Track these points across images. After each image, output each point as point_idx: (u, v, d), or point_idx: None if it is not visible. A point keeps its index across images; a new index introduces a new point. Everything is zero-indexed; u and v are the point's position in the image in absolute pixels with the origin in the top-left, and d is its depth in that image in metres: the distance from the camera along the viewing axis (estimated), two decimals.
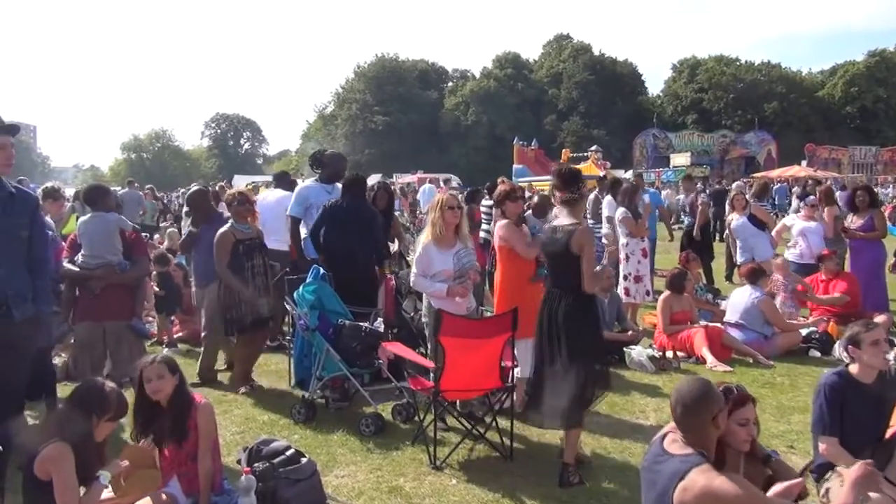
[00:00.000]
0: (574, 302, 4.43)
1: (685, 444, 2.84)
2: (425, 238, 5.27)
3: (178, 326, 8.67)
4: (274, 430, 5.30)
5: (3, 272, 3.58)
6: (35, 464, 3.28)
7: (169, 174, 64.52)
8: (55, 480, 3.24)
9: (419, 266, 5.23)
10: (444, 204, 5.22)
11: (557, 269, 4.61)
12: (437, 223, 5.17)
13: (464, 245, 5.27)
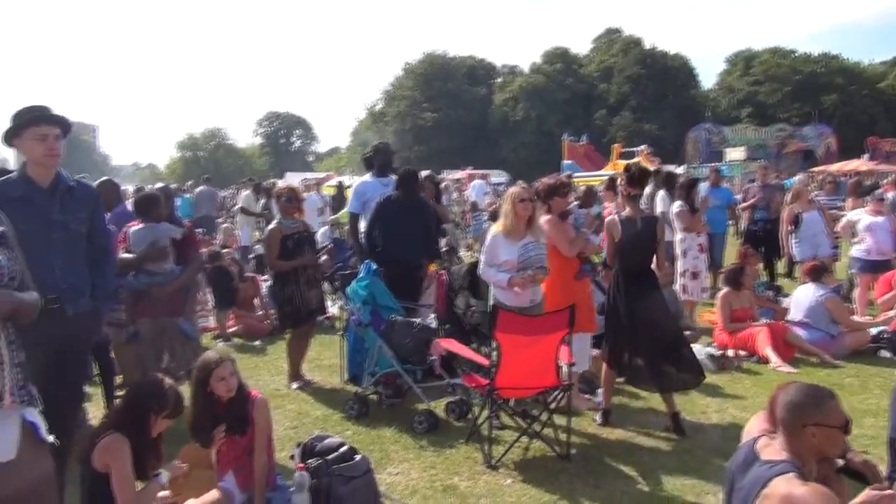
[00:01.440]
0: (654, 281, 5.32)
1: (780, 450, 2.65)
2: (495, 228, 5.24)
3: (232, 321, 8.76)
4: (327, 426, 5.27)
5: (59, 266, 3.59)
6: (94, 455, 3.29)
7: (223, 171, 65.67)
8: (113, 472, 3.25)
9: (486, 255, 5.22)
10: (515, 196, 5.15)
11: (640, 253, 5.29)
12: (508, 215, 5.11)
13: (534, 238, 5.17)
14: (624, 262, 5.30)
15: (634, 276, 5.27)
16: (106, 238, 4.04)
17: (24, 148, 3.60)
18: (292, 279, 6.22)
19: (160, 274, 5.29)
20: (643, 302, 5.18)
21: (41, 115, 3.57)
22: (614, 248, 5.32)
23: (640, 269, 5.31)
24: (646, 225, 5.32)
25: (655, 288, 5.33)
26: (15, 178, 3.63)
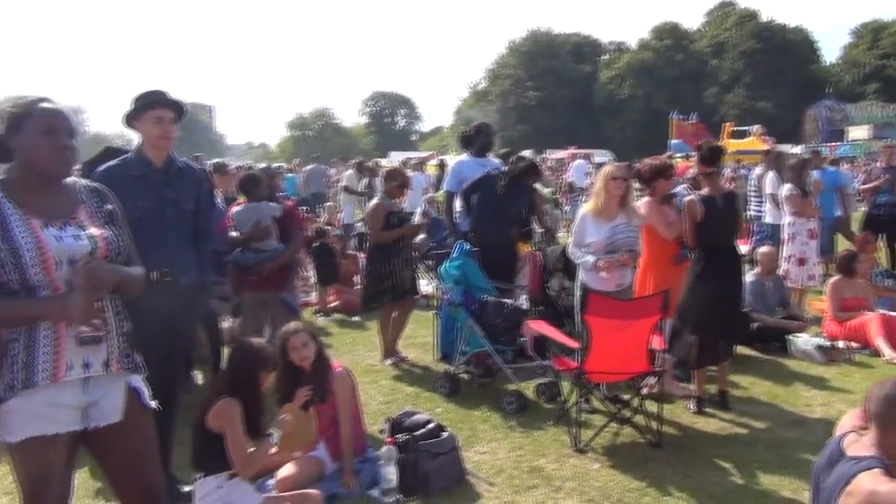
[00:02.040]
0: (739, 260, 5.38)
1: (868, 446, 2.51)
2: (585, 208, 5.17)
3: (333, 296, 9.03)
4: (418, 403, 5.38)
5: (173, 242, 3.80)
6: (208, 418, 3.49)
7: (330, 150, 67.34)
8: (227, 434, 3.43)
9: (574, 235, 5.17)
10: (608, 174, 5.06)
11: (724, 231, 5.19)
12: (600, 194, 5.03)
13: (626, 220, 5.06)
14: (707, 241, 5.13)
15: (718, 256, 5.12)
16: (209, 217, 4.24)
17: (141, 129, 3.82)
18: (394, 255, 6.36)
19: (265, 251, 5.54)
20: (728, 280, 5.11)
21: (158, 99, 3.78)
22: (696, 228, 5.15)
23: (725, 247, 5.21)
24: (726, 202, 5.18)
25: (739, 268, 5.28)
26: (132, 158, 3.86)
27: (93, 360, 2.34)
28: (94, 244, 2.36)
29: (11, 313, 2.24)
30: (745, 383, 5.84)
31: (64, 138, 2.36)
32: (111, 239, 2.42)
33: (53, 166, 2.36)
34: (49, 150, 2.34)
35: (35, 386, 2.24)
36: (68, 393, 2.31)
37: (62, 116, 2.39)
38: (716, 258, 5.11)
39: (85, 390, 2.35)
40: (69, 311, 2.26)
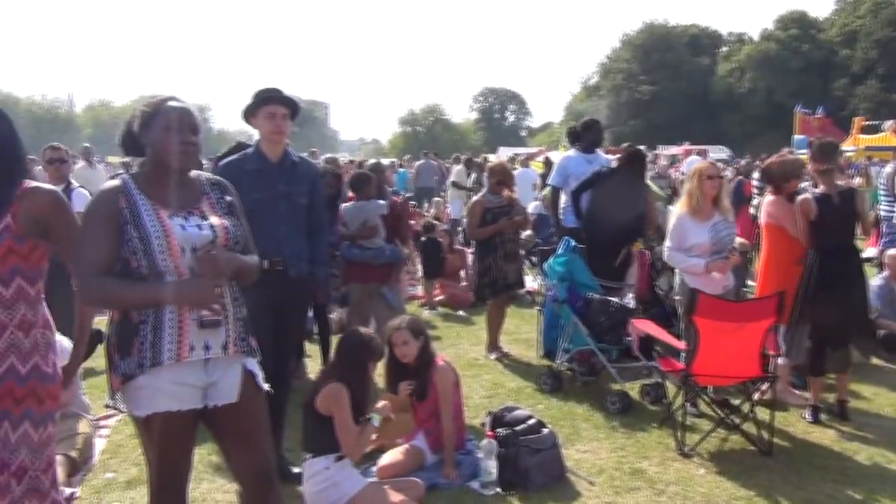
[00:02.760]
0: (859, 260, 5.10)
1: None
2: (680, 208, 5.00)
3: (439, 290, 9.15)
4: (520, 398, 5.39)
5: (284, 233, 3.98)
6: (318, 401, 3.66)
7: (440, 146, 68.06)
8: (336, 417, 3.60)
9: (673, 239, 4.98)
10: (702, 172, 4.90)
11: (841, 230, 4.94)
12: (694, 193, 4.88)
13: (722, 217, 4.90)
14: (823, 242, 4.87)
15: (835, 257, 4.86)
16: (323, 211, 4.40)
17: (257, 125, 4.03)
18: (491, 251, 6.40)
19: (371, 249, 5.73)
20: (847, 282, 4.83)
21: (272, 96, 3.98)
22: (810, 228, 4.89)
23: (842, 247, 4.97)
24: (843, 199, 4.92)
25: (860, 270, 5.04)
26: (250, 153, 4.07)
27: (212, 342, 2.49)
28: (215, 233, 2.52)
29: (142, 297, 2.41)
30: (867, 394, 5.52)
31: (187, 134, 2.52)
32: (230, 228, 2.58)
33: (176, 160, 2.52)
34: (172, 146, 2.50)
35: (161, 365, 2.41)
36: (190, 373, 2.47)
37: (186, 114, 2.55)
38: (832, 259, 4.85)
39: (205, 371, 2.50)
40: (192, 295, 2.42)
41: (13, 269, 2.52)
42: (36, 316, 2.60)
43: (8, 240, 2.49)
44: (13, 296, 2.53)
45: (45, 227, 2.58)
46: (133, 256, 2.41)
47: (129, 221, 2.42)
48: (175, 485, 2.63)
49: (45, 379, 2.59)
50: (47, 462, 2.64)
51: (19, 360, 2.54)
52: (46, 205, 2.57)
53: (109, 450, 4.51)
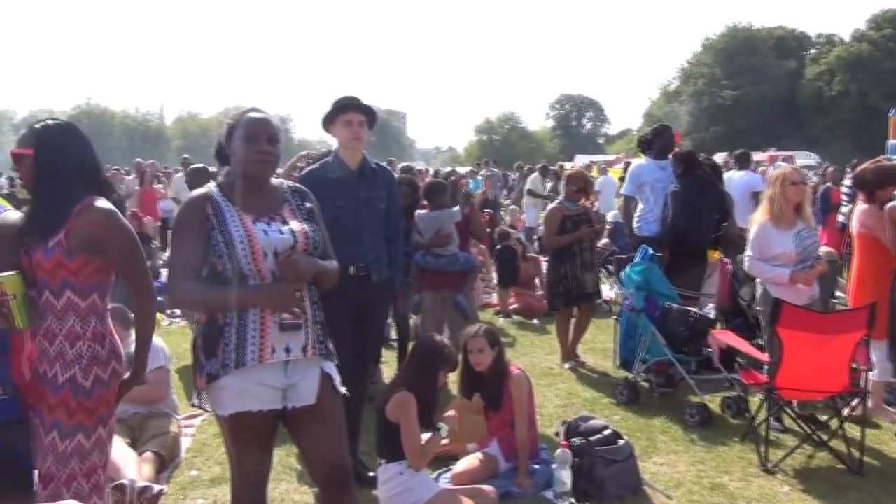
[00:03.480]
0: None
1: None
2: (760, 216, 4.84)
3: (514, 298, 9.13)
4: (595, 408, 5.32)
5: (367, 239, 4.06)
6: (387, 408, 3.71)
7: (515, 154, 67.87)
8: (402, 426, 3.63)
9: (755, 248, 4.82)
10: (786, 178, 4.73)
11: None
12: (777, 199, 4.71)
13: (806, 225, 4.73)
14: None
15: None
16: (400, 217, 4.46)
17: (335, 133, 4.12)
18: (568, 259, 6.34)
19: (445, 256, 5.77)
20: None
21: (350, 104, 4.06)
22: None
23: None
24: None
25: None
26: (331, 161, 4.16)
27: (292, 345, 2.57)
28: (295, 238, 2.60)
29: (227, 300, 2.51)
30: None
31: (262, 144, 2.61)
32: (310, 234, 2.65)
33: (252, 169, 2.62)
34: (249, 155, 2.60)
35: (244, 366, 2.50)
36: (272, 374, 2.55)
37: (264, 124, 2.64)
38: None
39: (285, 373, 2.58)
40: (273, 298, 2.51)
41: (62, 283, 2.57)
42: (85, 328, 2.60)
43: (58, 254, 2.54)
44: (63, 307, 2.58)
45: (99, 245, 2.60)
46: (219, 260, 2.52)
47: (215, 227, 2.53)
48: (255, 483, 2.71)
49: (78, 391, 2.56)
50: (89, 468, 2.61)
51: (62, 368, 2.57)
52: (98, 223, 2.59)
53: (194, 448, 4.68)
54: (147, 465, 4.03)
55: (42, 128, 2.67)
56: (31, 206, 2.65)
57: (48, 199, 2.60)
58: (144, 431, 4.38)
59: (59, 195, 2.60)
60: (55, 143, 2.65)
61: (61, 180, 2.61)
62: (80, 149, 2.69)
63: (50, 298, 2.57)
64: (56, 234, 2.54)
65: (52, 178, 2.61)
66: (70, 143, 2.68)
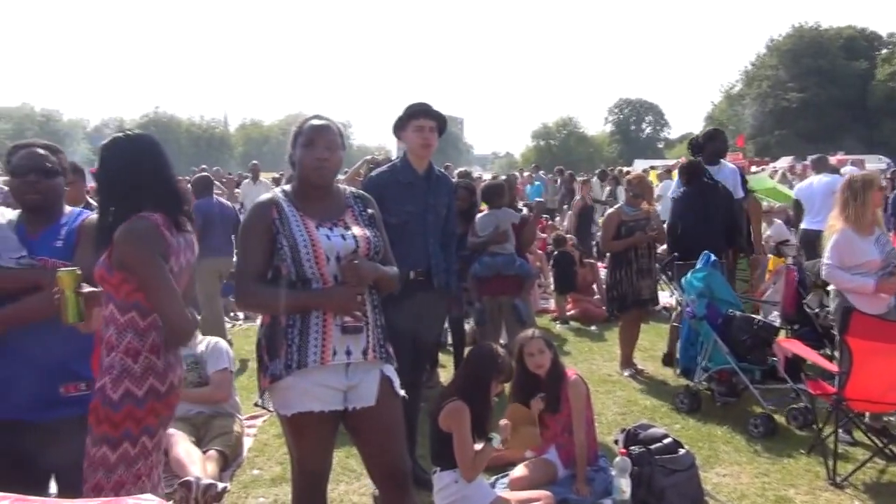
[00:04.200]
0: None
1: None
2: (838, 223, 4.67)
3: (571, 304, 9.05)
4: (655, 417, 5.24)
5: (431, 244, 4.09)
6: (440, 417, 3.72)
7: (573, 159, 67.36)
8: (455, 437, 3.62)
9: (836, 256, 4.63)
10: (869, 183, 4.57)
11: None
12: (857, 206, 4.55)
13: (881, 231, 4.58)
14: None
15: None
16: (455, 224, 4.49)
17: (405, 138, 4.16)
18: (624, 265, 6.28)
19: (502, 255, 5.75)
20: None
21: (420, 110, 4.09)
22: None
23: None
24: None
25: None
26: (399, 166, 4.20)
27: (353, 347, 2.61)
28: (357, 243, 2.64)
29: (292, 302, 2.57)
30: None
31: (321, 151, 2.65)
32: (371, 239, 2.70)
33: (310, 175, 2.68)
34: (308, 161, 2.66)
35: (307, 367, 2.55)
36: (333, 376, 2.60)
37: (322, 130, 2.68)
38: None
39: (346, 375, 2.62)
40: (336, 302, 2.56)
41: (108, 295, 2.53)
42: (119, 341, 2.49)
43: (101, 269, 2.50)
44: (107, 318, 2.54)
45: (125, 264, 2.46)
46: (283, 264, 2.58)
47: (280, 231, 2.60)
48: (316, 482, 2.76)
49: (106, 402, 2.47)
50: (116, 482, 2.47)
51: (99, 375, 2.53)
52: (121, 244, 2.45)
53: (256, 448, 4.78)
54: (211, 463, 4.14)
55: (108, 142, 2.62)
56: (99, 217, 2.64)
57: (103, 213, 2.57)
58: (209, 430, 4.51)
59: (113, 210, 2.54)
60: (116, 158, 2.57)
61: (118, 196, 2.54)
62: (146, 162, 2.58)
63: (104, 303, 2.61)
64: (105, 249, 2.50)
65: (111, 193, 2.56)
66: (134, 157, 2.57)
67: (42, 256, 2.66)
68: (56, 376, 2.65)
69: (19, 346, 2.61)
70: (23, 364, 2.61)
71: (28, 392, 2.61)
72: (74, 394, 2.66)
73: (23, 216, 2.79)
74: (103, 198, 2.60)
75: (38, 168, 2.71)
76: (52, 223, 2.75)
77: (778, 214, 10.66)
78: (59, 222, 2.76)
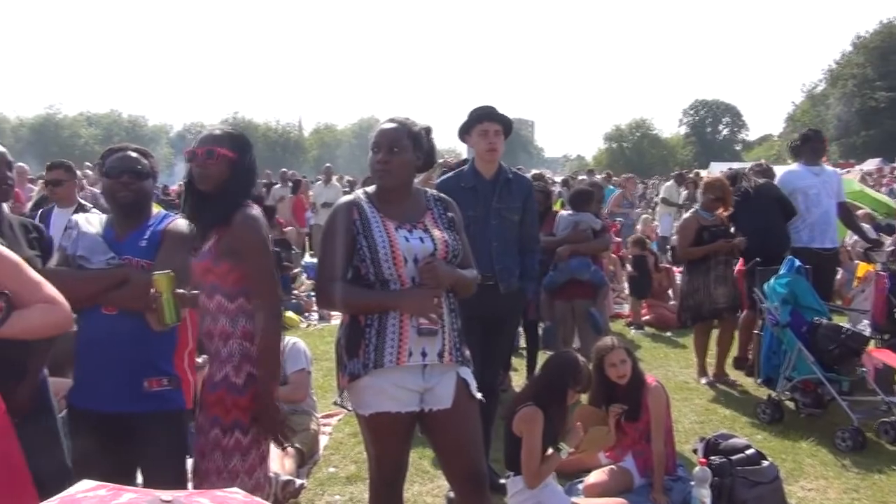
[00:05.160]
0: None
1: None
2: None
3: (646, 310, 8.89)
4: (735, 426, 5.08)
5: (496, 249, 4.07)
6: (513, 421, 3.70)
7: (646, 162, 66.06)
8: (524, 441, 3.60)
9: None
10: None
11: None
12: None
13: None
14: None
15: None
16: (535, 227, 4.43)
17: (471, 142, 4.16)
18: (701, 272, 6.10)
19: (576, 258, 5.70)
20: None
21: (485, 114, 4.09)
22: None
23: None
24: None
25: None
26: (466, 171, 4.21)
27: (429, 349, 2.62)
28: (436, 246, 2.66)
29: (370, 302, 2.62)
30: None
31: (383, 154, 2.68)
32: (450, 242, 2.71)
33: (374, 178, 2.74)
34: (371, 164, 2.72)
35: (383, 367, 2.58)
36: (409, 377, 2.62)
37: (385, 133, 2.71)
38: None
39: (423, 376, 2.64)
40: (413, 304, 2.58)
41: (212, 286, 2.65)
42: (234, 327, 2.64)
43: (206, 260, 2.63)
44: (215, 309, 2.67)
45: (238, 251, 2.62)
46: (362, 264, 2.62)
47: (360, 232, 2.64)
48: (392, 482, 2.79)
49: (232, 389, 2.63)
50: (232, 472, 2.65)
51: (217, 367, 2.68)
52: (240, 230, 2.62)
53: (331, 446, 4.86)
54: (289, 459, 4.22)
55: (236, 136, 2.79)
56: (200, 208, 2.73)
57: (224, 201, 2.67)
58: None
59: (233, 199, 2.67)
60: (246, 151, 2.75)
61: (243, 187, 2.72)
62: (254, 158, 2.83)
63: (203, 299, 2.70)
64: (210, 239, 2.64)
65: (241, 183, 2.72)
66: (252, 152, 2.81)
67: (127, 256, 2.76)
68: (141, 371, 2.74)
69: (109, 341, 2.71)
70: (112, 358, 2.71)
71: (116, 385, 2.71)
72: (157, 389, 2.74)
73: (111, 219, 2.89)
74: (232, 186, 2.67)
75: (130, 170, 2.82)
76: (139, 224, 2.85)
77: (863, 219, 10.21)
78: (146, 223, 2.85)
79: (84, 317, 2.75)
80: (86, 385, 2.77)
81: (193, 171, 2.71)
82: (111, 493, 1.19)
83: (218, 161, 2.66)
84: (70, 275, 2.70)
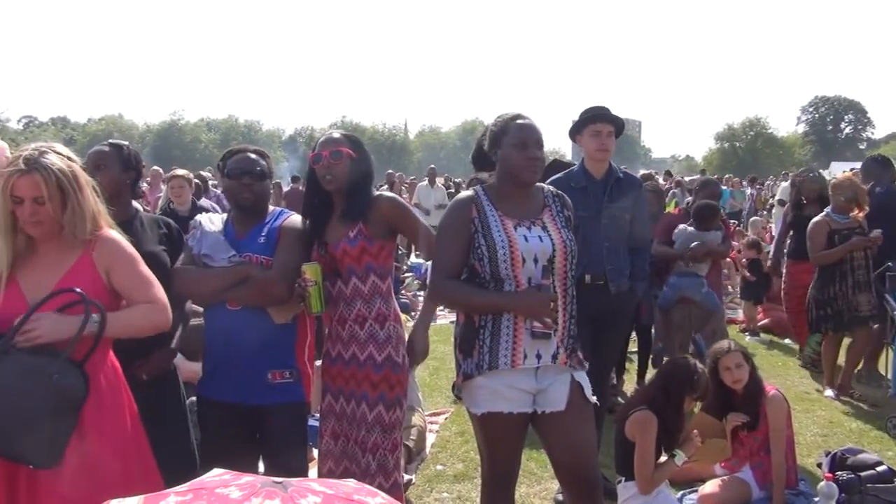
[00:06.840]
0: None
1: None
2: None
3: (762, 314, 8.50)
4: (862, 441, 4.78)
5: (606, 249, 4.00)
6: (626, 424, 3.62)
7: (760, 163, 63.31)
8: (637, 445, 3.52)
9: None
10: None
11: None
12: None
13: None
14: None
15: None
16: (647, 226, 4.33)
17: (582, 143, 4.10)
18: (837, 278, 5.70)
19: (688, 275, 5.60)
20: None
21: (597, 114, 4.03)
22: None
23: None
24: None
25: None
26: (576, 171, 4.15)
27: (543, 352, 2.60)
28: (554, 247, 2.63)
29: (484, 302, 2.62)
30: None
31: (533, 150, 2.66)
32: (567, 243, 2.67)
33: (524, 175, 2.68)
34: (521, 161, 2.66)
35: (497, 368, 2.58)
36: (523, 379, 2.61)
37: (533, 130, 2.70)
38: None
39: (536, 378, 2.62)
40: (528, 306, 2.56)
41: (367, 267, 2.86)
42: (389, 309, 2.89)
43: (361, 242, 2.83)
44: (370, 291, 2.86)
45: (391, 227, 2.92)
46: (479, 263, 2.62)
47: (478, 230, 2.63)
48: (504, 482, 2.79)
49: (395, 368, 2.86)
50: (394, 443, 2.90)
51: (376, 349, 2.86)
52: (388, 208, 2.90)
53: (438, 444, 4.90)
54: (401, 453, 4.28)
55: (354, 135, 3.06)
56: (339, 201, 2.93)
57: (359, 193, 2.91)
58: None
59: (365, 190, 2.93)
60: (364, 148, 3.00)
61: (368, 177, 2.96)
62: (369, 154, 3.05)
63: (357, 284, 2.87)
64: (357, 224, 2.84)
65: (366, 175, 2.94)
66: (366, 150, 3.04)
67: (247, 253, 2.88)
68: (265, 364, 2.86)
69: (233, 335, 2.85)
70: (237, 352, 2.84)
71: (241, 378, 2.85)
72: (280, 381, 2.86)
73: (231, 218, 3.04)
74: (360, 179, 2.91)
75: (250, 171, 2.94)
76: (258, 222, 2.97)
77: None
78: (263, 221, 2.98)
79: (210, 312, 2.94)
80: (213, 377, 2.93)
81: (319, 173, 2.88)
82: (233, 476, 1.30)
83: (342, 161, 2.87)
84: (195, 273, 2.89)
